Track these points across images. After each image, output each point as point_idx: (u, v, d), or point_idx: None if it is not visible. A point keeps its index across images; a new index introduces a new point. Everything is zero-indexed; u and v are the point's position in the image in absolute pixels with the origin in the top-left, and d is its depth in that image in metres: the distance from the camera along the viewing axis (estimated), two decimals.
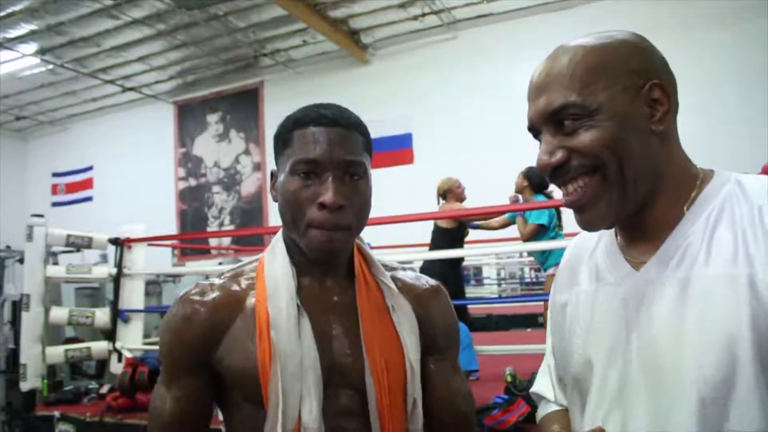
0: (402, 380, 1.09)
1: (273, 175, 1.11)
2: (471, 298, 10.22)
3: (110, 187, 14.00)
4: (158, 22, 10.21)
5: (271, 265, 1.10)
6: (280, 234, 1.14)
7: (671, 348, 0.82)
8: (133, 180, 13.53)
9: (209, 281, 1.13)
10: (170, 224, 12.99)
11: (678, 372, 0.81)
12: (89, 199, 14.75)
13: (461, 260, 5.42)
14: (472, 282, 11.11)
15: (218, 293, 1.09)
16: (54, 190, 15.33)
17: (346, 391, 1.07)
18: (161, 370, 1.11)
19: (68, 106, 14.29)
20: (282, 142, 1.08)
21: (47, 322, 4.38)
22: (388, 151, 11.08)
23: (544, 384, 1.13)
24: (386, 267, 1.19)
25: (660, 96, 0.86)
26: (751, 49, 8.19)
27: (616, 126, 0.83)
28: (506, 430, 3.33)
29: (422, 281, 1.22)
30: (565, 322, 1.01)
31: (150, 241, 5.18)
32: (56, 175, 15.34)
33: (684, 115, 0.88)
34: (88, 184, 14.85)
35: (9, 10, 9.42)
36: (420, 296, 1.18)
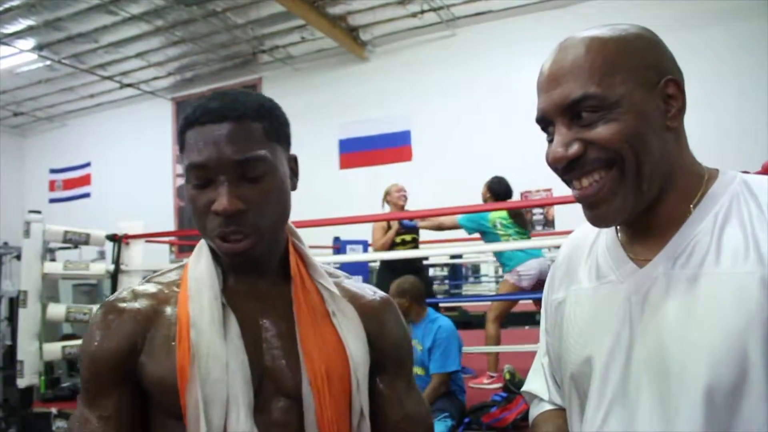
0: (346, 391, 0.97)
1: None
2: (469, 296, 10.25)
3: (108, 184, 13.99)
4: (156, 18, 10.19)
5: (195, 267, 1.01)
6: None
7: (679, 347, 0.81)
8: (131, 176, 13.52)
9: (131, 287, 1.03)
10: (168, 221, 12.97)
11: (686, 372, 0.79)
12: (87, 196, 14.73)
13: (421, 260, 5.51)
14: (470, 279, 11.12)
15: (140, 299, 0.99)
16: (51, 187, 15.30)
17: (281, 401, 0.95)
18: (81, 389, 0.98)
19: (66, 103, 14.26)
20: (180, 145, 0.97)
21: (44, 319, 4.36)
22: (387, 149, 11.08)
23: (538, 383, 1.11)
24: (329, 274, 1.08)
25: (674, 92, 0.85)
26: (750, 49, 8.19)
27: (636, 120, 0.81)
28: (505, 428, 3.34)
29: (368, 291, 1.11)
30: (563, 320, 0.99)
31: (148, 238, 5.17)
32: (54, 172, 15.31)
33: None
34: (86, 181, 14.83)
35: (6, 6, 9.40)
36: (367, 307, 1.07)
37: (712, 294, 0.80)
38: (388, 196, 5.16)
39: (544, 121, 0.88)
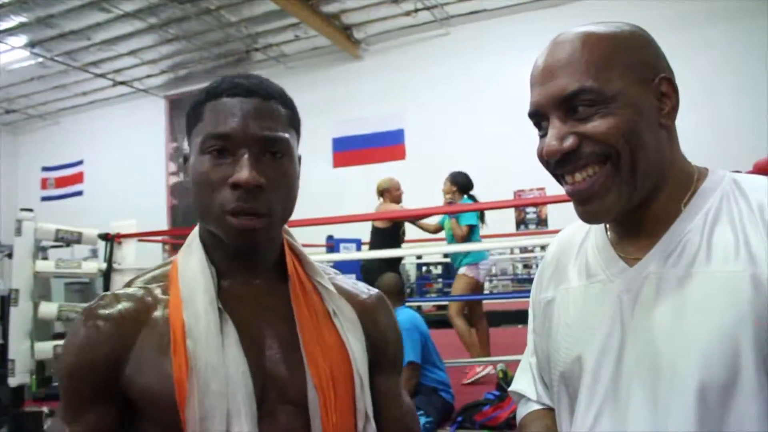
0: (350, 393, 0.94)
1: (186, 159, 0.95)
2: (462, 295, 10.26)
3: (101, 182, 13.95)
4: (150, 16, 10.16)
5: (186, 267, 0.93)
6: (196, 230, 0.99)
7: (670, 346, 0.80)
8: (124, 175, 13.48)
9: (114, 291, 0.95)
10: (161, 219, 12.95)
11: (677, 371, 0.79)
12: (79, 194, 14.69)
13: (400, 259, 5.72)
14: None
15: (124, 304, 0.91)
16: (44, 185, 15.24)
17: (286, 408, 0.90)
18: (60, 403, 0.90)
19: (58, 100, 14.21)
20: (193, 117, 0.92)
21: (36, 318, 4.34)
22: (380, 147, 11.08)
23: (525, 382, 1.09)
24: (322, 270, 1.04)
25: (668, 90, 0.85)
26: (744, 48, 8.23)
27: (632, 115, 0.81)
28: (497, 426, 3.34)
29: (362, 288, 1.09)
30: (552, 319, 0.98)
31: (140, 237, 5.15)
32: (46, 170, 15.26)
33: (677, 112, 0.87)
34: (79, 179, 14.78)
35: None
36: (363, 305, 1.04)
37: (703, 293, 0.80)
38: (387, 193, 5.16)
39: (538, 115, 0.87)
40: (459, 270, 4.81)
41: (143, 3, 9.66)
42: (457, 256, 4.88)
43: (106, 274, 4.61)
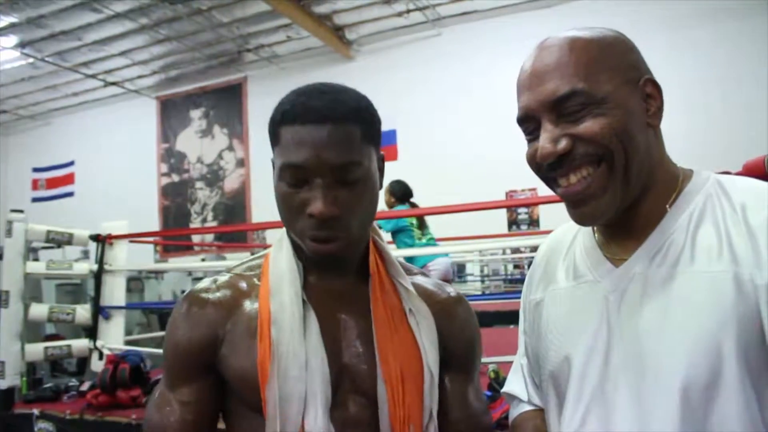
0: (419, 391, 0.98)
1: (273, 163, 1.00)
2: None
3: (92, 183, 13.87)
4: (141, 16, 10.12)
5: (276, 260, 1.01)
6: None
7: (655, 347, 0.81)
8: (115, 175, 13.41)
9: (214, 278, 1.04)
10: (153, 220, 12.90)
11: (662, 371, 0.80)
12: (70, 195, 14.61)
13: None
14: (455, 279, 11.14)
15: (222, 290, 1.01)
16: (35, 186, 15.16)
17: (357, 399, 0.96)
18: (164, 371, 1.02)
19: (49, 101, 14.14)
20: (272, 136, 0.97)
21: (27, 319, 4.31)
22: None
23: (517, 384, 1.11)
24: (405, 270, 1.08)
25: (652, 91, 0.86)
26: (733, 49, 8.28)
27: (623, 115, 0.82)
28: None
29: (444, 289, 1.12)
30: (541, 320, 1.00)
31: (131, 238, 5.13)
32: (37, 170, 15.17)
33: (666, 115, 0.88)
34: (70, 180, 14.70)
35: None
36: (441, 305, 1.07)
37: (687, 293, 0.81)
38: None
39: (528, 120, 0.88)
40: None
41: (134, 3, 9.62)
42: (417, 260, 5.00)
43: (98, 276, 4.59)
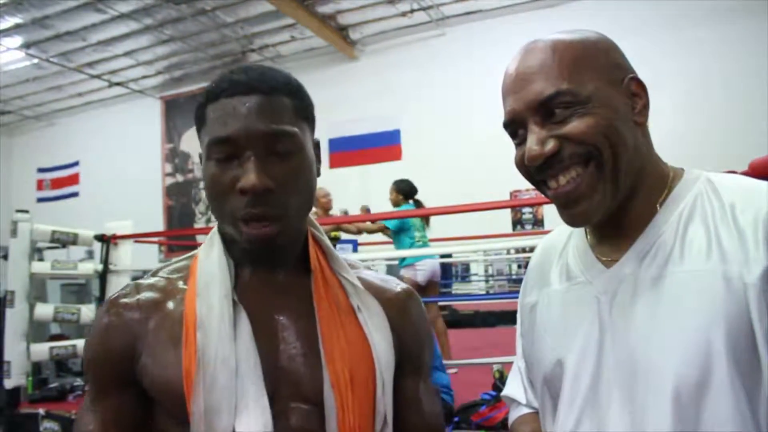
0: (371, 395, 0.89)
1: (201, 158, 0.91)
2: (458, 295, 10.26)
3: (96, 183, 13.92)
4: (145, 17, 10.15)
5: (205, 259, 0.92)
6: (218, 225, 0.96)
7: (646, 347, 0.81)
8: (120, 176, 13.45)
9: (137, 281, 0.95)
10: (157, 220, 12.93)
11: (653, 372, 0.80)
12: (75, 195, 14.66)
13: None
14: (459, 278, 11.14)
15: (145, 293, 0.92)
16: (39, 186, 15.21)
17: (300, 407, 0.86)
18: (87, 389, 0.92)
19: (54, 101, 14.18)
20: (199, 120, 0.89)
21: (32, 319, 4.33)
22: (376, 148, 11.09)
23: (515, 386, 1.10)
24: (349, 265, 0.99)
25: (637, 90, 0.86)
26: (737, 48, 8.25)
27: (609, 113, 0.82)
28: (493, 427, 3.34)
29: (392, 283, 1.03)
30: (535, 323, 0.99)
31: (136, 238, 5.14)
32: (41, 171, 15.23)
33: (670, 114, 0.88)
34: (74, 180, 14.75)
35: None
36: (392, 301, 0.98)
37: (677, 293, 0.80)
38: (317, 202, 5.27)
39: (514, 123, 0.88)
40: (400, 272, 4.97)
41: (139, 4, 9.65)
42: (402, 259, 5.10)
43: (102, 276, 4.60)
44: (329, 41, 10.83)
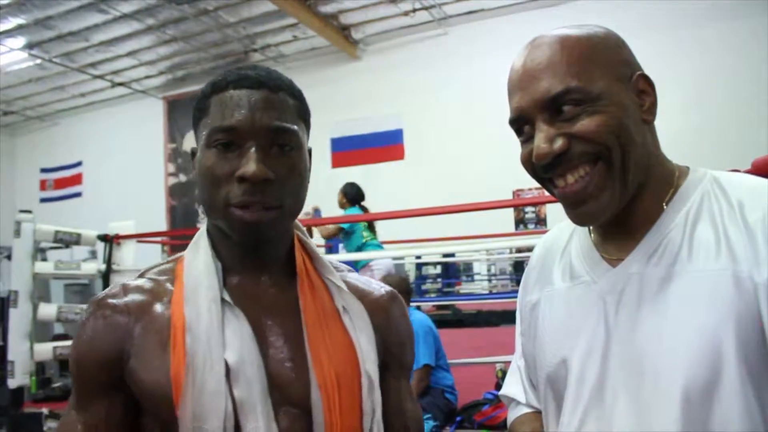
0: (357, 396, 0.89)
1: (193, 154, 0.92)
2: (461, 294, 10.26)
3: (99, 183, 13.94)
4: (148, 17, 10.16)
5: (192, 262, 0.92)
6: (205, 227, 0.97)
7: (654, 348, 0.80)
8: (123, 176, 13.47)
9: (124, 282, 0.93)
10: (160, 220, 12.94)
11: (662, 372, 0.79)
12: (78, 195, 14.68)
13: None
14: (463, 278, 11.13)
15: (131, 295, 0.90)
16: (42, 186, 15.24)
17: (288, 410, 0.86)
18: (71, 392, 0.90)
19: (57, 101, 14.21)
20: (199, 112, 0.90)
21: (35, 319, 4.33)
22: (379, 147, 11.08)
23: (515, 386, 1.09)
24: (334, 267, 1.00)
25: (645, 87, 0.85)
26: (740, 48, 8.23)
27: (619, 112, 0.80)
28: (496, 426, 3.34)
29: (375, 286, 1.04)
30: (537, 322, 0.98)
31: (139, 238, 5.15)
32: (45, 171, 15.25)
33: (673, 113, 0.87)
34: (77, 180, 14.77)
35: None
36: (375, 303, 1.00)
37: (686, 293, 0.79)
38: None
39: (521, 120, 0.86)
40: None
41: (141, 4, 9.66)
42: (360, 261, 5.15)
43: (105, 276, 4.61)
44: (331, 41, 10.83)
